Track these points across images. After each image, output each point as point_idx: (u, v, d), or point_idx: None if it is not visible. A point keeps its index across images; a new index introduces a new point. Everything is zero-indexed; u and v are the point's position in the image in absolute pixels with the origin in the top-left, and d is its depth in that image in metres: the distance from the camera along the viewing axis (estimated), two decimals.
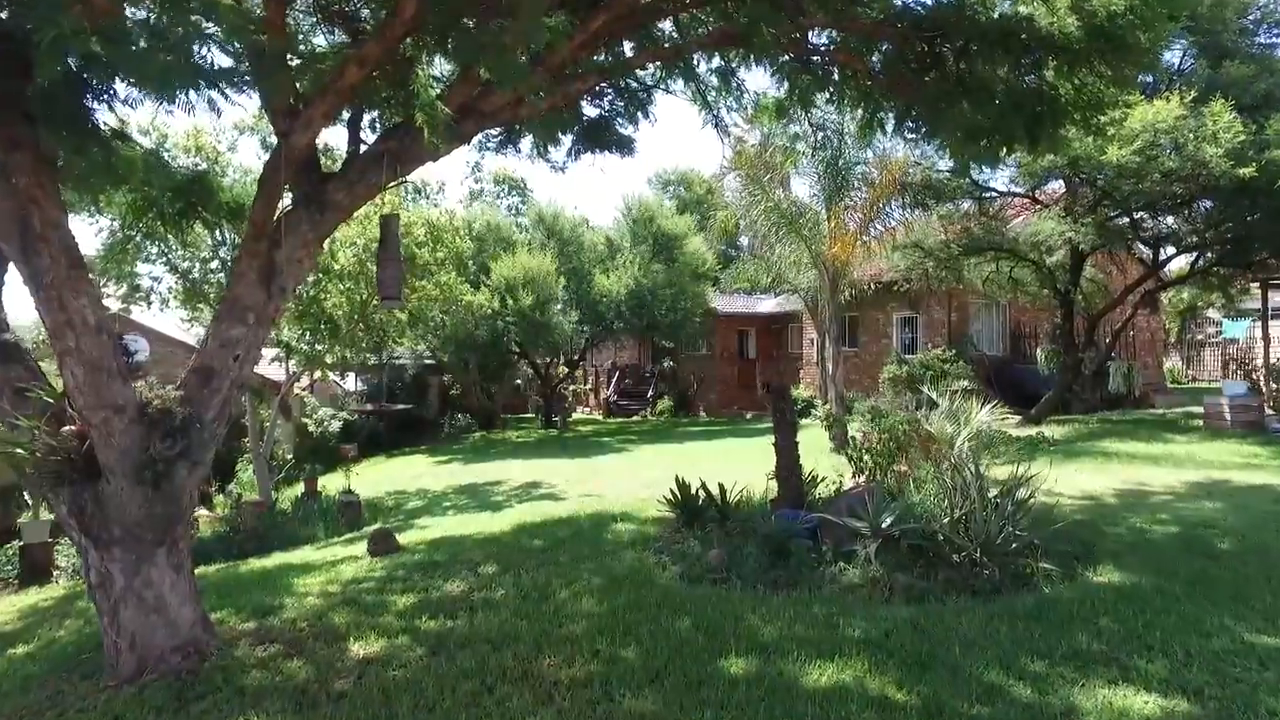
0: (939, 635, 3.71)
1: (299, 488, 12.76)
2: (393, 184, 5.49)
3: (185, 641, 4.27)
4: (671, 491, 6.87)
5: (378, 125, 6.35)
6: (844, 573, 4.98)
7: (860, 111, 7.72)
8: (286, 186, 5.39)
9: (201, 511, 11.36)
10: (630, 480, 11.07)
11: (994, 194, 13.39)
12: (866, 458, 6.98)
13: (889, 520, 5.19)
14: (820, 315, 19.59)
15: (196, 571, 8.03)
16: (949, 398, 8.27)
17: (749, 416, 23.04)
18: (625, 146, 10.37)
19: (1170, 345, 23.63)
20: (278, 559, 8.04)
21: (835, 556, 5.26)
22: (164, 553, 4.28)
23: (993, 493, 5.28)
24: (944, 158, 11.84)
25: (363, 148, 5.36)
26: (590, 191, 74.11)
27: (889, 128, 6.94)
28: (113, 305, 18.62)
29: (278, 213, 5.14)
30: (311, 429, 17.53)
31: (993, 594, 4.43)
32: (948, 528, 5.05)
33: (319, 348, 12.50)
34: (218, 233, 10.71)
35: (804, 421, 21.00)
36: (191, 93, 3.68)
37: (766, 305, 27.39)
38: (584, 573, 5.48)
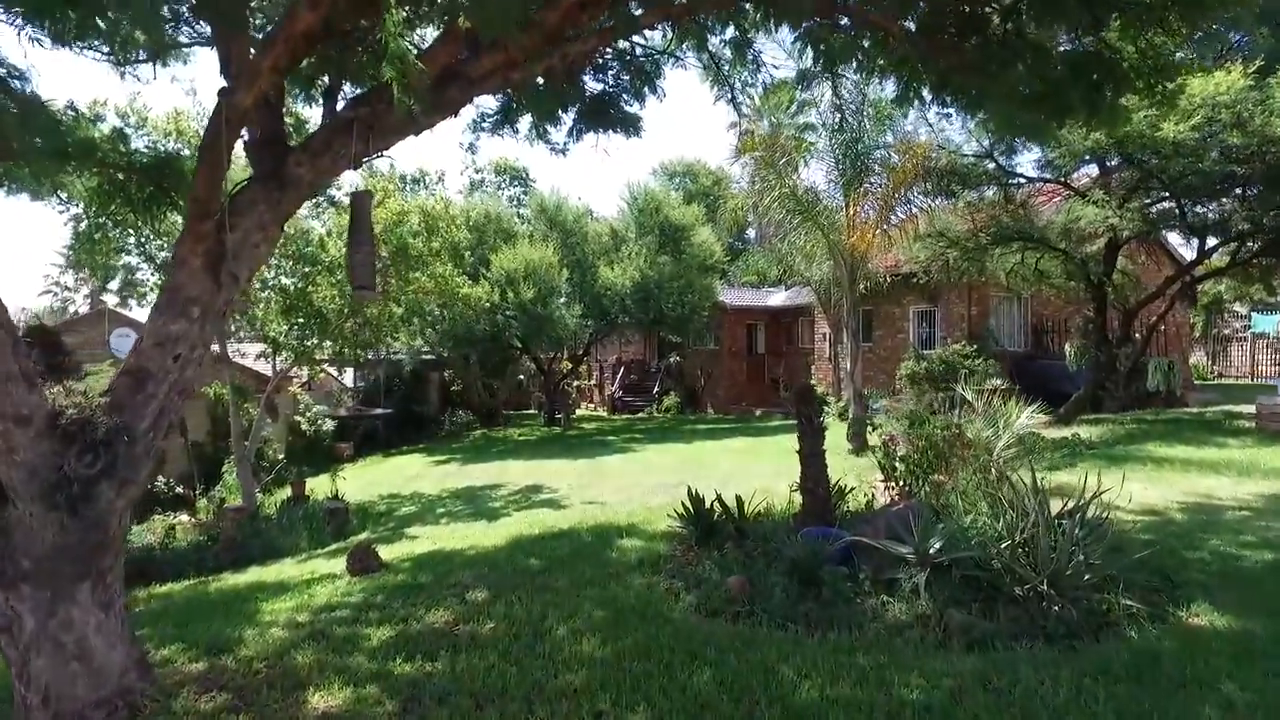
0: (1020, 700, 3.02)
1: (289, 490, 12.10)
2: (366, 159, 4.81)
3: (113, 692, 3.61)
4: (683, 504, 6.18)
5: None
6: (887, 607, 4.28)
7: (891, 83, 6.98)
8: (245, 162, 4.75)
9: (182, 517, 10.74)
10: (636, 484, 10.40)
11: (1021, 180, 12.63)
12: (900, 466, 6.27)
13: (937, 544, 4.50)
14: (834, 309, 18.86)
15: (164, 590, 7.41)
16: (983, 397, 7.61)
17: (758, 413, 22.35)
18: (631, 126, 9.60)
19: (1194, 340, 22.79)
20: (253, 575, 7.40)
21: (874, 586, 4.57)
22: (88, 588, 3.61)
23: (1054, 509, 4.58)
24: (982, 135, 11.12)
25: None
26: (594, 183, 73.30)
27: (926, 98, 6.23)
28: (108, 299, 18.02)
29: (235, 189, 4.48)
30: (305, 428, 16.90)
31: (1069, 639, 3.73)
32: (1007, 555, 4.35)
33: (308, 343, 11.84)
34: None
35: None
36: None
37: (776, 299, 26.64)
38: (585, 602, 4.80)
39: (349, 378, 23.51)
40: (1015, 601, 4.12)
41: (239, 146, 4.53)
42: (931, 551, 4.47)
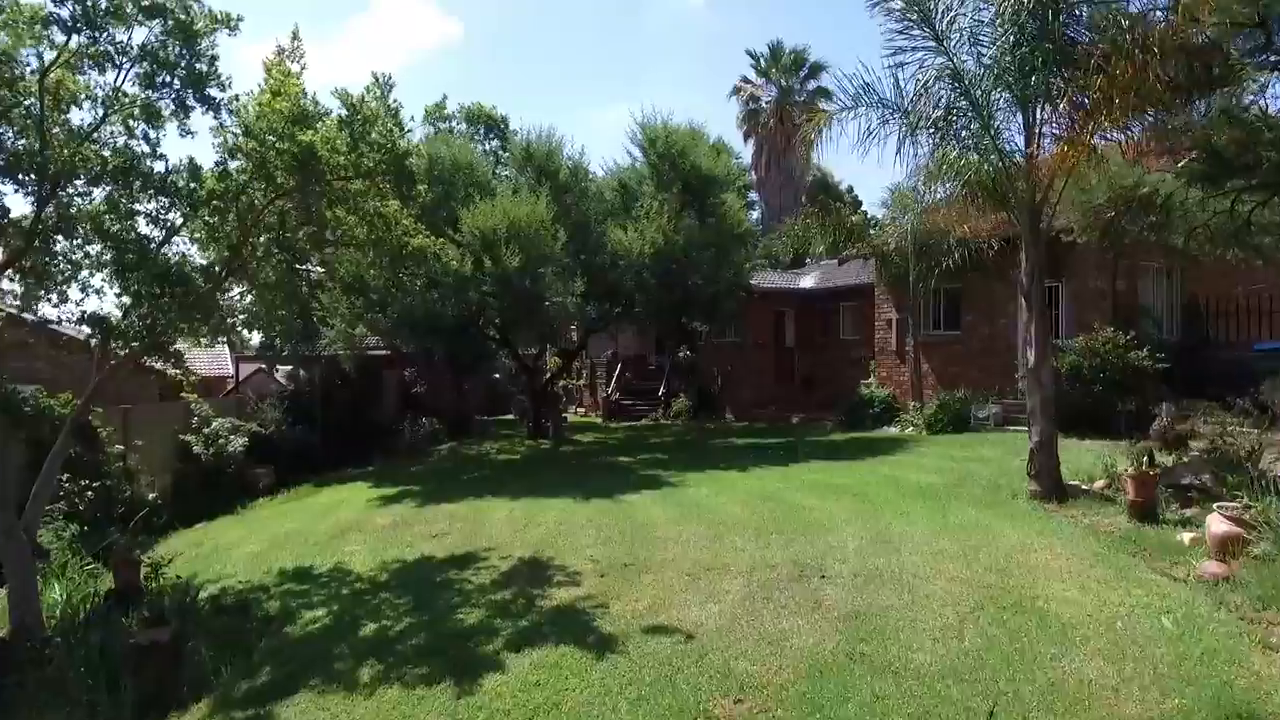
0: None
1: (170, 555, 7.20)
2: None
3: None
4: None
5: None
6: None
7: None
8: None
9: None
10: (716, 566, 5.84)
11: None
12: None
13: None
14: (915, 287, 14.49)
15: None
16: None
17: (795, 420, 17.86)
18: None
19: None
20: None
21: None
22: None
23: None
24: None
25: None
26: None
27: None
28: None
29: None
30: (198, 450, 11.99)
31: None
32: None
33: (159, 325, 7.05)
34: None
35: (889, 430, 15.68)
36: None
37: (807, 280, 22.25)
38: None
39: (289, 374, 18.52)
40: None
41: None
42: None
